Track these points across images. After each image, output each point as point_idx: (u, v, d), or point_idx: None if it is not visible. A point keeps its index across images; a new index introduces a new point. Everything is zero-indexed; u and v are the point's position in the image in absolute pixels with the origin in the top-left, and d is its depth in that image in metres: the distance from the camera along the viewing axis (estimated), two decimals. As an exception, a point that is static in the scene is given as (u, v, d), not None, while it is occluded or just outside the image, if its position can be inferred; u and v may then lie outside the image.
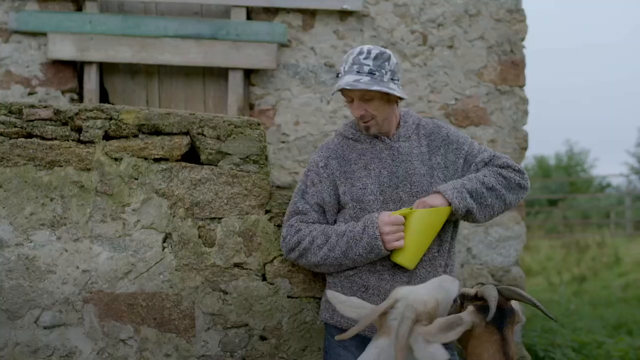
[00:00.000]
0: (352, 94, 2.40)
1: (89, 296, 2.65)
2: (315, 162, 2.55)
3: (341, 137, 2.58)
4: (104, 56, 4.47)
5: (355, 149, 2.51)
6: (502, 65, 4.79)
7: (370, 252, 2.35)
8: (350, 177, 2.46)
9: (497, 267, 4.64)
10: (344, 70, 2.39)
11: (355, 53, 2.39)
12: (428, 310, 2.03)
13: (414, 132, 2.55)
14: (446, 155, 2.54)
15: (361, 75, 2.34)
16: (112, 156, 2.71)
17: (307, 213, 2.51)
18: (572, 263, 13.86)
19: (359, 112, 2.41)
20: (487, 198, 2.44)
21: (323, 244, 2.42)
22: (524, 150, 4.80)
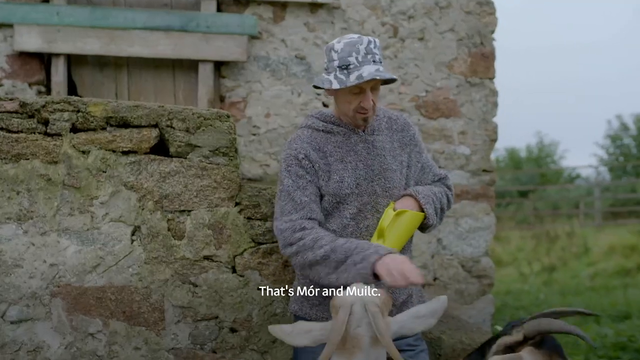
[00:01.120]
0: (367, 84, 2.32)
1: (56, 290, 2.63)
2: (294, 155, 2.42)
3: (311, 129, 2.49)
4: (72, 48, 4.42)
5: (330, 141, 2.46)
6: (472, 57, 4.83)
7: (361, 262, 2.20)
8: (328, 170, 2.42)
9: (467, 257, 4.68)
10: (357, 61, 2.30)
11: (366, 43, 2.32)
12: (383, 301, 2.01)
13: (385, 126, 2.55)
14: (410, 155, 2.57)
15: (377, 65, 2.31)
16: (80, 149, 2.69)
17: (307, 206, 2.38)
18: (542, 253, 14.05)
19: (369, 102, 2.35)
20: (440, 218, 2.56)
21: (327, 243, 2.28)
22: (494, 142, 4.85)
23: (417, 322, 2.02)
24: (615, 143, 24.08)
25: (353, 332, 1.97)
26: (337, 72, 2.32)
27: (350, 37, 2.36)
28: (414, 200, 2.43)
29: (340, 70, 2.31)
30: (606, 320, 6.68)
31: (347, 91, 2.35)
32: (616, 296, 8.63)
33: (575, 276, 11.79)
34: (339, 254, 2.24)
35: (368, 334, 1.97)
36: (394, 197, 2.47)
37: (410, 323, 2.01)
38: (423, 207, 2.42)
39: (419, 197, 2.42)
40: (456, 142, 4.76)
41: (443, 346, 2.88)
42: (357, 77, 2.27)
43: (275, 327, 2.13)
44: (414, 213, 2.38)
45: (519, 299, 8.54)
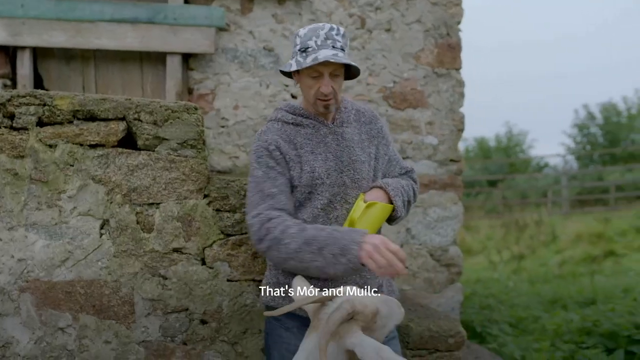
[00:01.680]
0: (325, 69, 2.34)
1: (25, 285, 2.62)
2: (264, 146, 2.43)
3: (280, 122, 2.50)
4: (38, 41, 4.37)
5: (300, 133, 2.47)
6: (439, 48, 4.87)
7: (343, 255, 2.20)
8: (299, 162, 2.43)
9: (436, 246, 4.73)
10: (315, 45, 2.33)
11: (327, 28, 2.35)
12: (367, 312, 1.94)
13: (354, 118, 2.58)
14: (378, 147, 2.60)
15: (337, 50, 2.32)
16: (47, 143, 2.67)
17: (276, 197, 2.37)
18: (512, 242, 14.25)
19: (327, 88, 2.36)
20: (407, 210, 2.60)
21: (297, 235, 2.26)
22: (461, 132, 4.90)
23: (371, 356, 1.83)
24: (582, 132, 24.43)
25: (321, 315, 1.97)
26: (298, 55, 2.36)
27: (316, 24, 2.40)
28: (384, 192, 2.46)
29: (300, 54, 2.35)
30: (573, 306, 6.82)
31: (307, 75, 2.38)
32: (583, 283, 8.79)
33: (543, 264, 11.98)
34: (313, 246, 2.23)
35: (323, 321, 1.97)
36: (363, 188, 2.50)
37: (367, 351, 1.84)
38: (392, 199, 2.45)
39: (388, 189, 2.46)
40: (424, 132, 4.81)
41: (411, 334, 2.92)
42: (312, 59, 2.30)
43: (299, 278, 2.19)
44: (383, 205, 2.41)
45: (488, 287, 8.67)
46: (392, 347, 2.43)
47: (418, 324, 2.94)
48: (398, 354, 2.45)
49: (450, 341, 2.93)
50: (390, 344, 2.46)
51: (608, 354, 4.51)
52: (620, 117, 23.49)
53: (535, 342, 5.06)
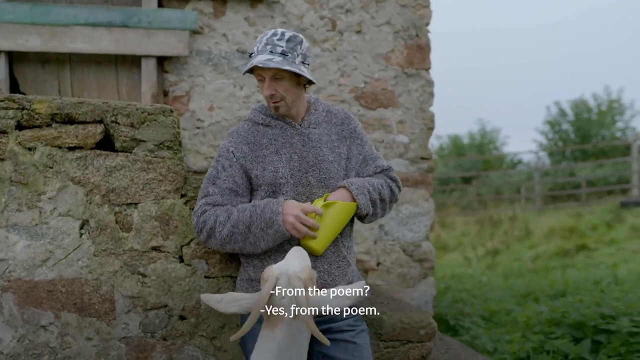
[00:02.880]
0: (264, 72, 2.47)
1: (7, 285, 2.68)
2: (226, 147, 2.60)
3: (251, 122, 2.64)
4: (13, 45, 4.42)
5: (266, 134, 2.59)
6: (408, 49, 4.99)
7: (270, 227, 2.42)
8: (262, 162, 2.55)
9: (408, 242, 4.85)
10: (257, 50, 2.46)
11: (270, 34, 2.47)
12: (308, 276, 2.17)
13: (324, 120, 2.68)
14: (350, 147, 2.69)
15: (274, 55, 2.42)
16: (26, 146, 2.73)
17: (215, 196, 2.56)
18: (486, 238, 14.44)
19: (269, 91, 2.48)
20: (378, 208, 2.68)
21: (226, 221, 2.48)
22: (431, 131, 5.02)
23: (335, 300, 2.15)
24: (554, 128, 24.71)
25: (277, 303, 2.13)
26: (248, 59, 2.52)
27: (270, 31, 2.52)
28: (347, 191, 2.56)
29: (248, 58, 2.51)
30: (544, 298, 6.98)
31: (256, 78, 2.53)
32: (555, 276, 8.97)
33: (517, 259, 12.17)
34: (241, 227, 2.46)
35: (290, 307, 2.13)
36: (331, 187, 2.60)
37: (329, 300, 2.14)
38: (355, 197, 2.55)
39: (351, 188, 2.56)
40: (395, 131, 4.92)
41: (384, 326, 3.02)
42: (250, 64, 2.46)
43: (206, 295, 2.27)
44: (343, 204, 2.50)
45: (463, 282, 8.81)
46: (361, 339, 2.55)
47: (390, 316, 3.04)
48: (367, 346, 2.56)
49: (421, 332, 3.03)
50: (360, 337, 2.57)
51: (575, 343, 4.65)
52: (591, 114, 23.81)
53: (507, 334, 5.19)
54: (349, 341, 2.52)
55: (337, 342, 2.50)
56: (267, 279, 2.16)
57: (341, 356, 2.50)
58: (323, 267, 2.52)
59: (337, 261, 2.57)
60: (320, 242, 2.47)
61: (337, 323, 2.54)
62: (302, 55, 2.49)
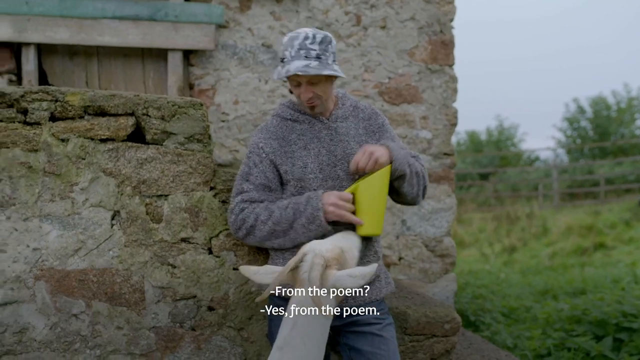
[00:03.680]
0: (300, 78, 2.47)
1: (40, 273, 2.73)
2: (256, 143, 2.63)
3: (279, 118, 2.67)
4: (42, 37, 4.47)
5: (294, 129, 2.62)
6: (433, 45, 4.99)
7: (312, 223, 2.46)
8: (291, 157, 2.58)
9: (430, 237, 4.87)
10: (290, 56, 2.45)
11: (301, 38, 2.45)
12: (334, 256, 2.21)
13: (351, 114, 2.70)
14: (380, 141, 2.71)
15: (309, 60, 2.42)
16: (59, 137, 2.77)
17: (250, 192, 2.59)
18: (503, 234, 14.39)
19: (307, 95, 2.50)
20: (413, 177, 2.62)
21: (267, 219, 2.52)
22: (454, 127, 5.03)
23: (350, 280, 2.16)
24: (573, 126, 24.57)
25: (301, 277, 2.19)
26: (280, 64, 2.51)
27: (297, 31, 2.49)
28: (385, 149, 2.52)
29: (280, 63, 2.50)
30: (563, 296, 6.97)
31: (290, 82, 2.53)
32: (573, 274, 8.95)
33: (534, 256, 12.13)
34: (283, 225, 2.51)
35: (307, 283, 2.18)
36: (356, 179, 2.62)
37: (344, 280, 2.16)
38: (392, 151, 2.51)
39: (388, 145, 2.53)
40: (418, 126, 4.93)
41: (409, 320, 3.04)
42: (285, 71, 2.45)
43: (244, 267, 2.35)
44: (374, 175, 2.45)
45: (481, 279, 8.81)
46: (387, 333, 2.57)
47: (415, 310, 3.06)
48: (393, 339, 2.59)
49: (446, 327, 3.05)
50: (386, 330, 2.59)
51: (597, 341, 4.66)
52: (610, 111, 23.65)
53: (527, 331, 5.20)
54: (375, 334, 2.55)
55: (364, 335, 2.54)
56: (299, 253, 2.23)
57: (368, 349, 2.52)
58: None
59: (369, 255, 2.60)
60: (371, 222, 2.47)
61: (363, 316, 2.57)
62: (332, 54, 2.50)
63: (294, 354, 2.15)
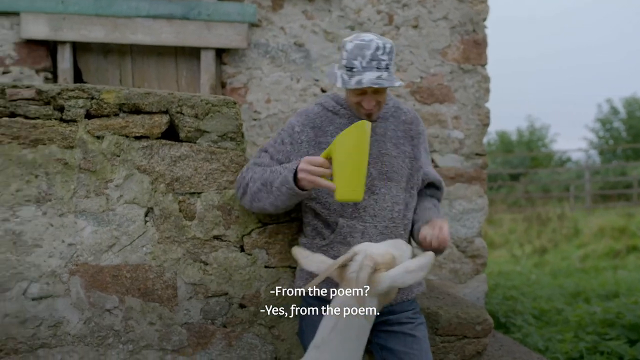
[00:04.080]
0: (368, 88, 2.43)
1: (74, 268, 2.76)
2: (292, 125, 2.62)
3: (322, 107, 2.64)
4: (77, 36, 4.53)
5: (333, 122, 2.60)
6: (465, 44, 4.96)
7: (284, 185, 2.43)
8: (324, 149, 2.56)
9: (462, 238, 4.84)
10: (361, 66, 2.38)
11: (373, 48, 2.37)
12: (386, 261, 2.18)
13: (392, 115, 2.68)
14: (418, 148, 2.69)
15: (381, 72, 2.38)
16: (94, 134, 2.81)
17: (264, 159, 2.62)
18: (534, 235, 14.25)
19: (371, 104, 2.47)
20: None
21: (258, 178, 2.55)
22: (486, 127, 4.99)
23: (408, 276, 2.14)
24: (605, 127, 24.27)
25: (348, 275, 2.17)
26: (344, 71, 2.42)
27: (362, 38, 2.41)
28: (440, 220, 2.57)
29: (345, 71, 2.41)
30: (595, 299, 6.89)
31: (354, 91, 2.49)
32: (605, 277, 8.83)
33: (565, 258, 12.00)
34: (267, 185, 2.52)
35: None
36: (393, 181, 2.59)
37: (402, 277, 2.14)
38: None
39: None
40: (450, 126, 4.91)
41: (440, 321, 3.03)
42: (357, 82, 2.38)
43: (297, 248, 2.42)
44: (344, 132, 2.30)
45: (511, 280, 8.73)
46: (419, 332, 2.56)
47: (447, 311, 3.05)
48: (425, 339, 2.58)
49: (477, 328, 3.04)
50: (418, 329, 2.58)
51: (631, 345, 4.59)
52: (644, 112, 23.32)
53: (559, 333, 5.15)
54: (407, 334, 2.54)
55: (395, 335, 2.53)
56: (350, 251, 2.22)
57: (400, 348, 2.52)
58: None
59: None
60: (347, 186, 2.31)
61: (395, 315, 2.56)
62: (393, 62, 2.49)
63: (330, 355, 2.14)
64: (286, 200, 2.49)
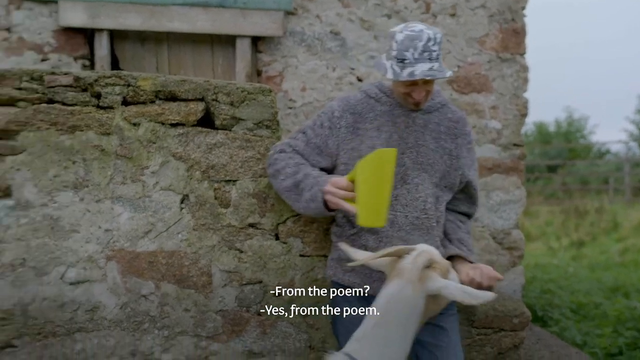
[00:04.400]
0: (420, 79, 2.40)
1: (111, 254, 2.79)
2: (332, 109, 2.61)
3: (364, 94, 2.63)
4: (114, 23, 4.55)
5: (373, 108, 2.58)
6: (504, 33, 4.87)
7: (313, 201, 2.47)
8: (362, 135, 2.54)
9: (498, 229, 4.77)
10: (413, 58, 2.34)
11: (425, 39, 2.33)
12: (442, 266, 2.16)
13: (437, 109, 2.63)
14: (460, 147, 2.64)
15: (432, 62, 2.35)
16: (131, 121, 2.82)
17: (299, 142, 2.62)
18: (571, 228, 14.04)
19: (421, 95, 2.45)
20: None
21: (290, 176, 2.56)
22: (524, 117, 4.90)
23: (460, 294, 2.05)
24: (646, 118, 23.80)
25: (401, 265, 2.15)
26: (394, 62, 2.38)
27: (412, 28, 2.37)
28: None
29: (396, 62, 2.37)
30: (635, 294, 6.76)
31: (401, 83, 2.46)
32: (646, 271, 8.67)
33: (604, 251, 11.79)
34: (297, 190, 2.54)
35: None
36: (428, 172, 2.56)
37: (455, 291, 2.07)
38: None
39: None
40: (487, 116, 4.83)
41: (476, 313, 2.99)
42: (409, 73, 2.34)
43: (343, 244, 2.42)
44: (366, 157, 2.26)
45: (548, 273, 8.61)
46: (449, 324, 2.53)
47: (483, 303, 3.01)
48: (455, 330, 2.54)
49: (515, 321, 2.99)
50: (448, 321, 2.55)
51: (671, 341, 4.50)
52: (687, 104, 22.79)
53: (597, 328, 5.06)
54: (436, 325, 2.52)
55: (424, 326, 2.50)
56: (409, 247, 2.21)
57: (428, 340, 2.49)
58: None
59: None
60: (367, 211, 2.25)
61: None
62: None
63: (371, 350, 2.09)
64: (313, 214, 2.56)
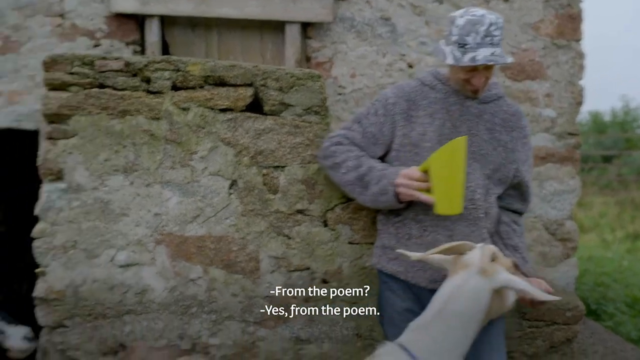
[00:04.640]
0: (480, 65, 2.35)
1: (160, 238, 2.80)
2: (386, 96, 2.59)
3: (419, 82, 2.60)
4: (165, 9, 4.57)
5: (427, 96, 2.54)
6: (559, 19, 4.74)
7: (383, 195, 2.46)
8: (414, 122, 2.51)
9: (551, 220, 4.66)
10: (475, 43, 2.29)
11: (486, 24, 2.29)
12: (506, 263, 2.14)
13: (493, 101, 2.58)
14: (515, 139, 2.58)
15: (494, 48, 2.32)
16: (180, 106, 2.82)
17: (355, 133, 2.59)
18: (626, 220, 13.69)
19: (481, 80, 2.41)
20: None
21: (352, 169, 2.54)
22: (579, 105, 4.77)
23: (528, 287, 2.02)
24: None
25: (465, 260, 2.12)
26: (455, 47, 2.33)
27: (473, 13, 2.33)
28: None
29: (457, 47, 2.32)
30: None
31: (461, 68, 2.41)
32: None
33: (661, 245, 11.48)
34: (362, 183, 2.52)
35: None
36: (478, 162, 2.50)
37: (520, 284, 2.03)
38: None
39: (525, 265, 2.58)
40: (542, 104, 4.71)
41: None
42: (470, 59, 2.29)
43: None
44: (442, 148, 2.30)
45: (602, 265, 8.40)
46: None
47: (535, 294, 2.94)
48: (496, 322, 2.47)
49: (568, 314, 2.92)
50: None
51: None
52: None
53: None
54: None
55: None
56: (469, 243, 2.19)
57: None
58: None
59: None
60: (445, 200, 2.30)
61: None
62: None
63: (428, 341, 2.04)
64: (382, 206, 2.54)
